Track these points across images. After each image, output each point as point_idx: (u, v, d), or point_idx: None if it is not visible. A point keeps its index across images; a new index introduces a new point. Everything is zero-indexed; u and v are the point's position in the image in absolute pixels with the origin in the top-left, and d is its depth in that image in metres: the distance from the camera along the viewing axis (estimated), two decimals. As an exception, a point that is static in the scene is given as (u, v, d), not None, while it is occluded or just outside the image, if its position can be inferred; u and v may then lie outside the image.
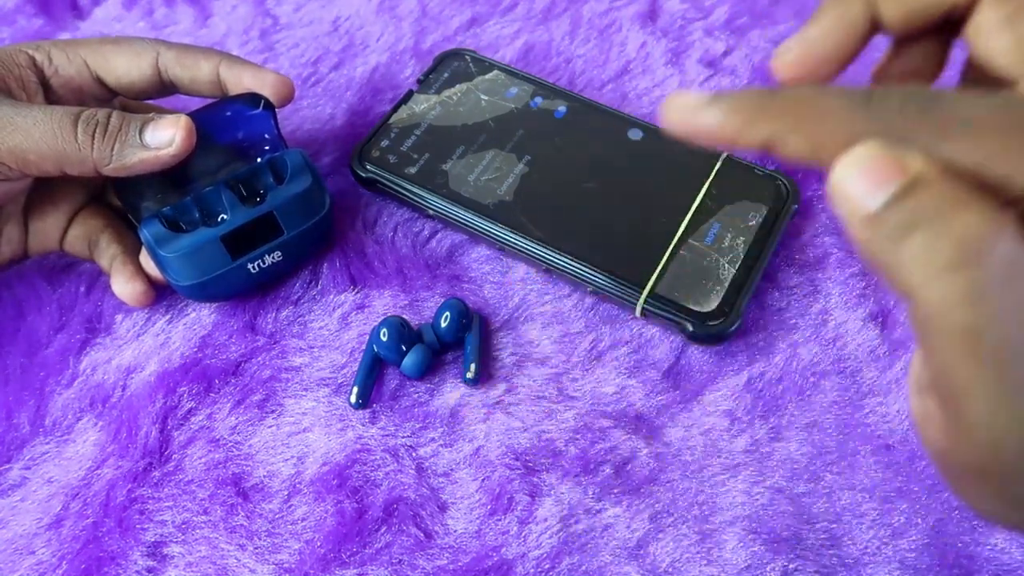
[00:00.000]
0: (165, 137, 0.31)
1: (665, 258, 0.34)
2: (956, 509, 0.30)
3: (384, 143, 0.39)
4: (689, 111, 0.19)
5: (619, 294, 0.34)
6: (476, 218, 0.36)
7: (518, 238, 0.35)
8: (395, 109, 0.40)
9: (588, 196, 0.37)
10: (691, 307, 0.33)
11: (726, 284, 0.34)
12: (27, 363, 0.34)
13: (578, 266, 0.35)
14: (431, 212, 0.37)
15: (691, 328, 0.33)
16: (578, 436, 0.32)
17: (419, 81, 0.41)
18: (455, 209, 0.36)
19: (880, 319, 0.35)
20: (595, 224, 0.36)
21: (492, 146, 0.38)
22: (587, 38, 0.45)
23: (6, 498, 0.31)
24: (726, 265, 0.34)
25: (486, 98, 0.40)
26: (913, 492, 0.31)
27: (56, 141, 0.30)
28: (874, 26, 0.21)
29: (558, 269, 0.35)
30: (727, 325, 0.33)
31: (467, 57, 0.42)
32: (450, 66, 0.42)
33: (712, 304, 0.33)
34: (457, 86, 0.41)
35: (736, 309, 0.33)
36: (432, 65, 0.42)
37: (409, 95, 0.40)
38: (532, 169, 0.38)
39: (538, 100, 0.40)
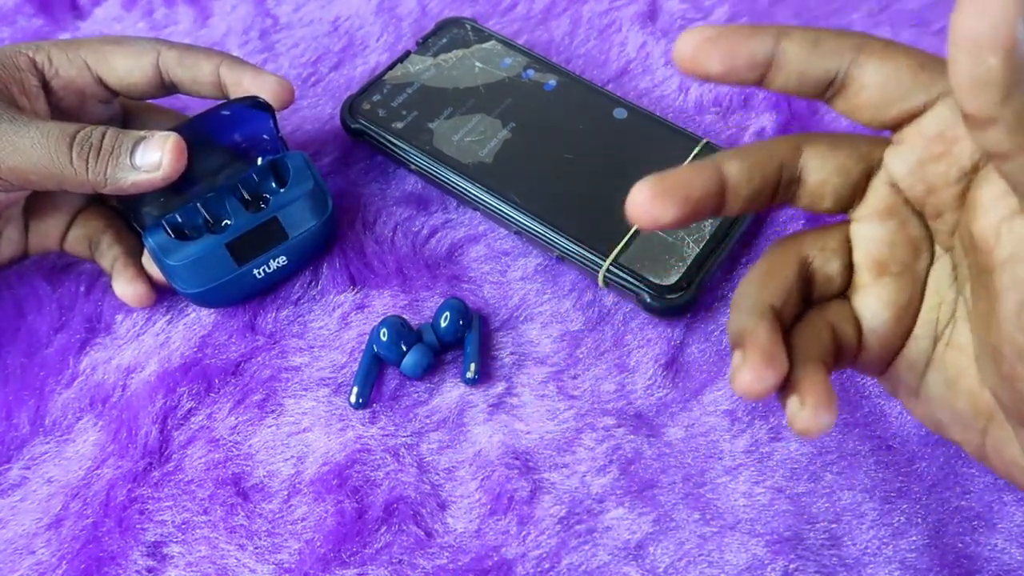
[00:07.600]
0: (153, 159, 0.31)
1: (632, 231, 0.35)
2: (956, 509, 0.30)
3: (375, 97, 0.40)
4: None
5: (584, 261, 0.35)
6: (455, 176, 0.37)
7: (494, 199, 0.37)
8: (391, 67, 0.41)
9: (566, 166, 0.38)
10: (651, 279, 0.34)
11: (688, 261, 0.35)
12: (27, 363, 0.34)
13: (549, 231, 0.36)
14: (413, 167, 0.39)
15: (648, 299, 0.34)
16: (578, 435, 0.32)
17: (418, 43, 0.42)
18: (436, 166, 0.38)
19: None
20: (569, 193, 0.37)
21: (479, 111, 0.40)
22: (587, 38, 0.45)
23: (6, 498, 0.31)
24: (691, 243, 0.35)
25: (480, 65, 0.41)
26: (913, 492, 0.31)
27: (53, 164, 0.30)
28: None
29: (529, 232, 0.36)
30: (684, 299, 0.34)
31: (467, 25, 0.43)
32: (449, 32, 0.43)
33: (672, 279, 0.34)
34: (454, 51, 0.42)
35: (694, 284, 0.34)
36: (432, 30, 0.43)
37: (406, 55, 0.42)
38: (515, 135, 0.39)
39: (530, 72, 0.41)
